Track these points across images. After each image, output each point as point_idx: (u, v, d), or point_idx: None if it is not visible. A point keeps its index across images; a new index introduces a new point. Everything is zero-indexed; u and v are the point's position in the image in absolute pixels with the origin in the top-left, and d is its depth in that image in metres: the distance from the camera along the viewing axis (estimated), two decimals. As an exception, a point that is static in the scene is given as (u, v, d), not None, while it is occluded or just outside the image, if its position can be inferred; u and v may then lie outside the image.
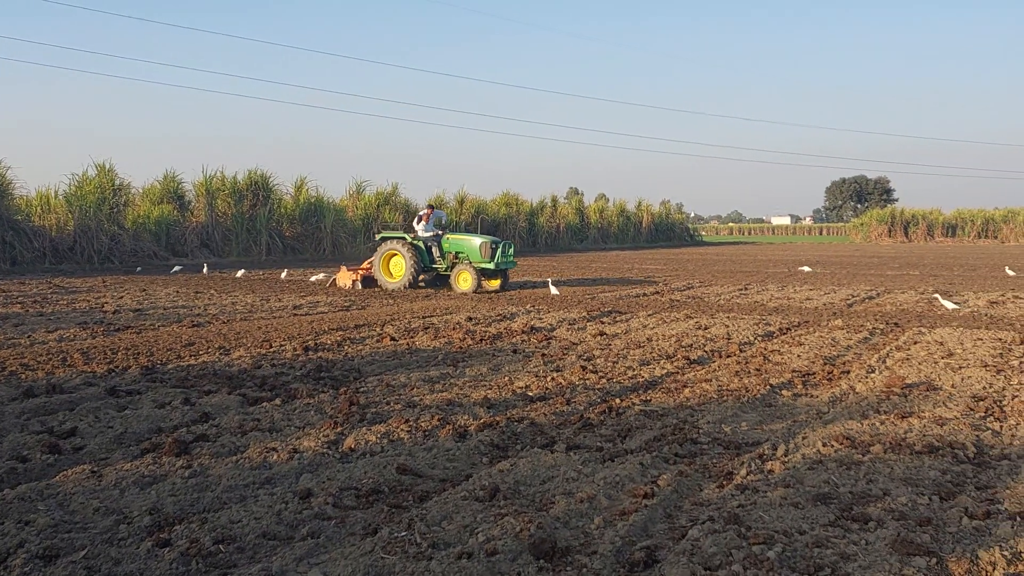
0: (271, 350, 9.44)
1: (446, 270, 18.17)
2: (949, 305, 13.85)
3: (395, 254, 18.04)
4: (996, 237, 68.58)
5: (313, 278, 20.59)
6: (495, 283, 18.03)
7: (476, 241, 17.76)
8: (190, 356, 9.03)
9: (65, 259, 26.07)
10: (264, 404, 6.70)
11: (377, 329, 11.30)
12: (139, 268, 25.34)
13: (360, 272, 18.64)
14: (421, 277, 18.24)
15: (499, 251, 17.65)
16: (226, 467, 4.98)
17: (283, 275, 22.36)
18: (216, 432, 5.82)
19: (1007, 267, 27.41)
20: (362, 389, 7.37)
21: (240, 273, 22.76)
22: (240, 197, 33.23)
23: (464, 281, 17.50)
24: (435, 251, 18.21)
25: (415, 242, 17.99)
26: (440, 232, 18.47)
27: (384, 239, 18.41)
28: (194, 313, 13.25)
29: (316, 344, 9.81)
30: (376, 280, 18.27)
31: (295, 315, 13.20)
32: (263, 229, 33.06)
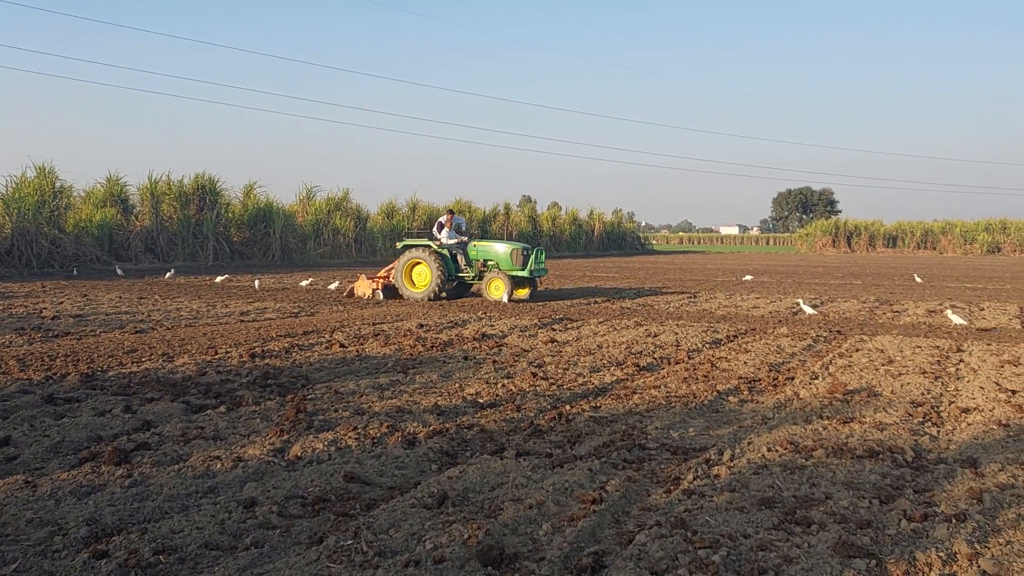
0: (216, 357, 9.25)
1: (473, 279, 17.40)
2: (956, 319, 13.80)
3: (419, 262, 17.05)
4: (935, 248, 70.79)
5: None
6: (524, 291, 17.10)
7: (507, 248, 17.12)
8: (132, 363, 8.81)
9: (1, 263, 25.23)
10: (208, 412, 6.57)
11: (326, 336, 11.17)
12: (75, 271, 24.47)
13: (380, 281, 17.69)
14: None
15: (532, 258, 16.96)
16: (168, 476, 4.86)
17: (219, 279, 22.01)
18: (158, 440, 5.67)
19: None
20: (310, 396, 7.26)
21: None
22: (187, 201, 32.60)
23: (497, 289, 16.75)
24: (461, 259, 17.36)
25: (440, 250, 17.10)
26: (465, 239, 17.72)
27: (407, 247, 17.37)
28: (137, 319, 12.93)
29: (263, 351, 9.65)
30: (397, 290, 17.28)
31: (242, 321, 12.97)
32: (210, 234, 32.46)
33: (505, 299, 16.52)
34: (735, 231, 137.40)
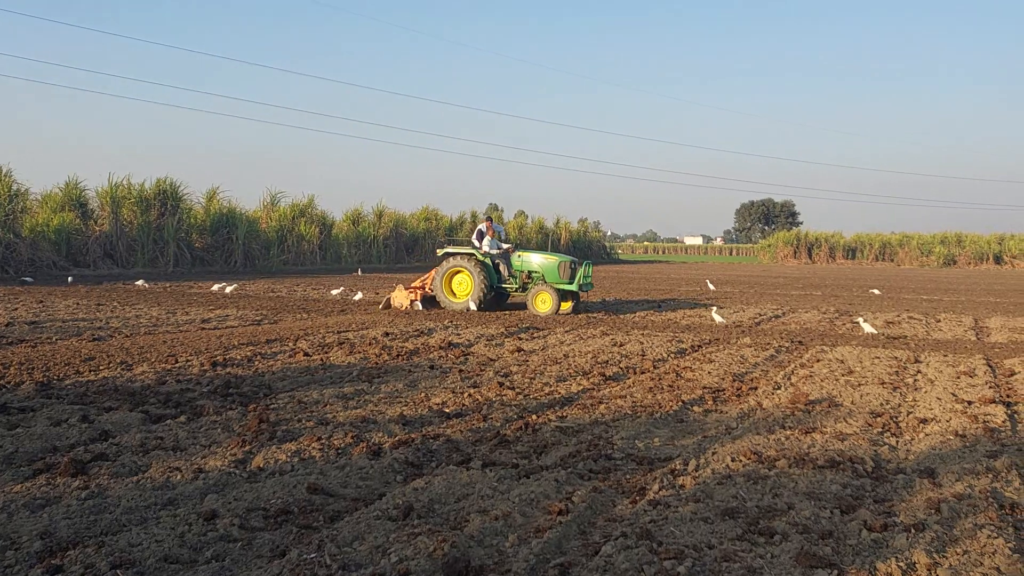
0: (176, 365, 9.09)
1: (516, 290, 16.96)
2: (868, 328, 14.19)
3: (460, 271, 16.52)
4: (892, 260, 72.25)
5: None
6: (567, 305, 16.57)
7: (555, 260, 16.70)
8: (89, 371, 8.62)
9: (-47, 267, 24.56)
10: (168, 422, 6.44)
11: (290, 344, 11.04)
12: (28, 279, 23.65)
13: (418, 291, 16.95)
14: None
15: (581, 271, 16.56)
16: (126, 488, 4.75)
17: (228, 289, 21.57)
18: (116, 451, 5.55)
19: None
20: (272, 406, 7.17)
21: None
22: (148, 206, 32.07)
23: (543, 303, 16.17)
24: (503, 269, 16.87)
25: (484, 259, 16.59)
26: (509, 248, 17.25)
27: (448, 255, 16.79)
28: (95, 326, 12.67)
29: (225, 359, 9.50)
30: (437, 300, 16.72)
31: (203, 329, 12.77)
32: (171, 239, 31.96)
33: (552, 313, 15.99)
34: (699, 241, 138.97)
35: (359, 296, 19.42)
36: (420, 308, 16.56)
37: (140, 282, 22.80)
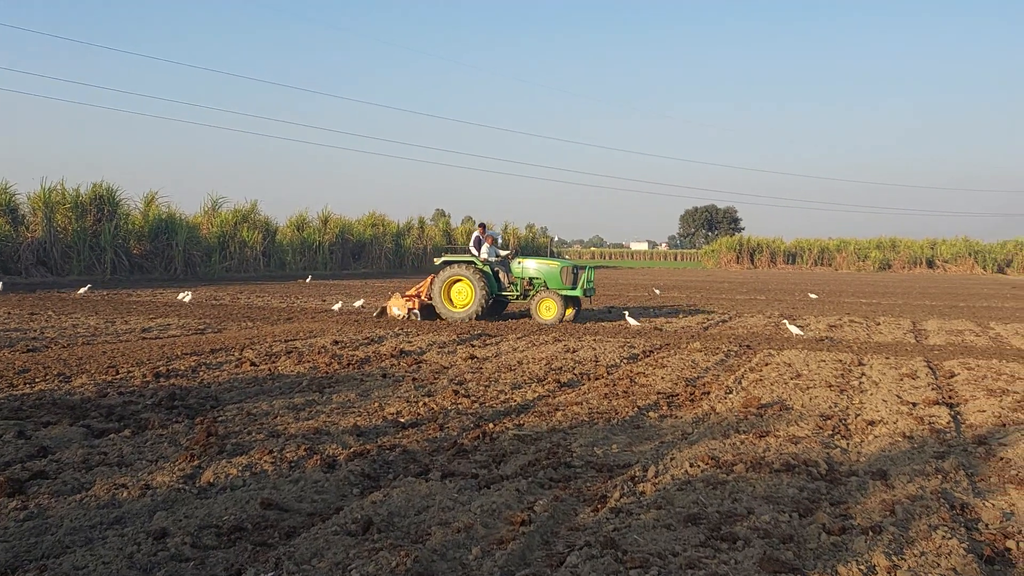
0: (118, 377, 8.78)
1: (517, 297, 16.69)
2: (794, 330, 14.72)
3: (459, 279, 16.11)
4: (831, 264, 74.24)
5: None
6: (569, 311, 16.36)
7: (557, 266, 16.46)
8: (24, 384, 8.25)
9: None
10: (111, 436, 6.19)
11: (235, 354, 10.76)
12: None
13: (415, 300, 16.43)
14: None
15: (583, 277, 16.33)
16: (69, 507, 4.53)
17: (81, 291, 21.01)
18: (57, 468, 5.30)
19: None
20: (220, 418, 6.95)
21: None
22: (83, 211, 31.08)
23: (548, 310, 15.89)
24: (503, 276, 16.59)
25: (484, 267, 16.24)
26: (507, 255, 16.99)
27: (447, 263, 16.43)
28: (29, 337, 12.17)
29: (168, 370, 9.21)
30: (435, 309, 16.27)
31: (144, 339, 12.38)
32: (108, 246, 31.02)
33: (557, 320, 15.78)
34: (645, 247, 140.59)
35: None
36: (418, 318, 16.12)
37: (84, 289, 21.97)
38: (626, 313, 16.73)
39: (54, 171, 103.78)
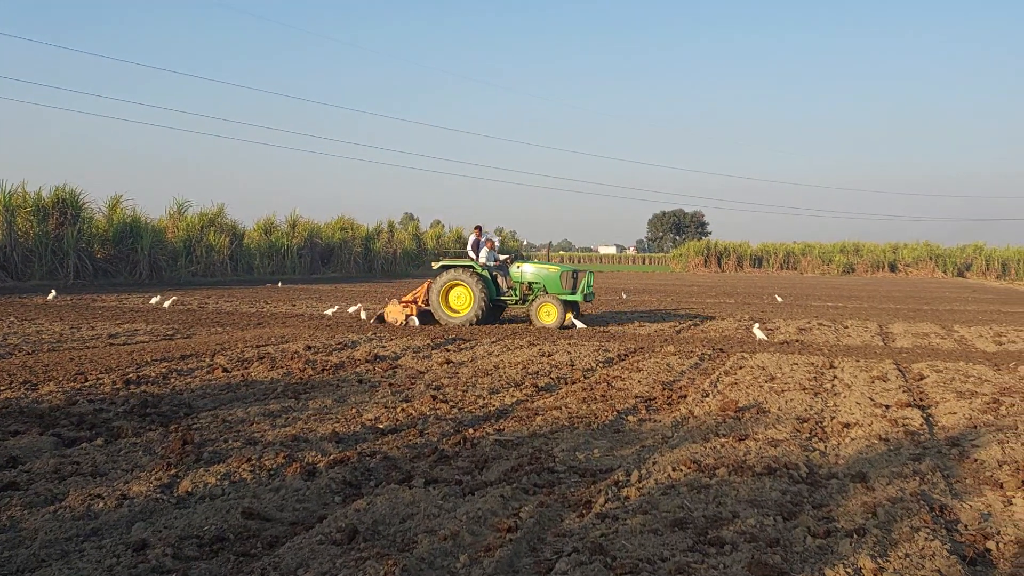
0: (87, 384, 8.58)
1: (516, 302, 16.53)
2: (760, 335, 14.75)
3: (457, 284, 15.95)
4: (796, 268, 75.25)
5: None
6: (568, 316, 16.09)
7: (556, 270, 16.33)
8: (-11, 392, 8.03)
9: None
10: (84, 445, 6.04)
11: (207, 359, 10.59)
12: None
13: (412, 306, 16.18)
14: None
15: (583, 281, 16.27)
16: (43, 519, 4.40)
17: (50, 296, 20.36)
18: (28, 479, 5.16)
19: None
20: (195, 426, 6.82)
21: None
22: (45, 215, 30.40)
23: (547, 315, 15.80)
24: (501, 281, 16.46)
25: (482, 272, 16.09)
26: (506, 259, 16.86)
27: (445, 267, 16.26)
28: (-9, 343, 11.86)
29: (139, 377, 9.03)
30: (434, 315, 16.08)
31: (111, 345, 12.13)
32: (71, 250, 30.36)
33: (557, 325, 15.68)
34: (613, 250, 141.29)
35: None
36: (416, 324, 15.82)
37: (52, 294, 21.49)
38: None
39: (14, 174, 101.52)
